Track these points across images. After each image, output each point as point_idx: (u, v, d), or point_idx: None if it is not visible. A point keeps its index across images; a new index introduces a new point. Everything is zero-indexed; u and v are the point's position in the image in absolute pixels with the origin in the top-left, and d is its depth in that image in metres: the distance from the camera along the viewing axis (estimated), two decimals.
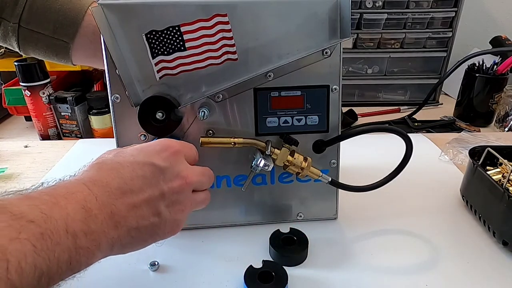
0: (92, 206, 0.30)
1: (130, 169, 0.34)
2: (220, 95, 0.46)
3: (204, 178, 0.41)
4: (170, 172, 0.37)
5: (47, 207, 0.27)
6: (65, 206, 0.28)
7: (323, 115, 0.49)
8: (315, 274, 0.46)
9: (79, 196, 0.30)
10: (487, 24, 1.23)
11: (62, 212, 0.28)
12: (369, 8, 0.99)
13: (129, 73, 0.42)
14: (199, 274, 0.46)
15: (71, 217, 0.28)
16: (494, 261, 0.47)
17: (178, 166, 0.38)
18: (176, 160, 0.38)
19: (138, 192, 0.34)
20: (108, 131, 0.86)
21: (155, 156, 0.36)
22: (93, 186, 0.31)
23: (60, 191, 0.30)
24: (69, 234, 0.27)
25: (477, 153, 0.56)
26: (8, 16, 0.50)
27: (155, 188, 0.35)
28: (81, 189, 0.30)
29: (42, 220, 0.26)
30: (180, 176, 0.37)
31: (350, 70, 1.07)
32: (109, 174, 0.33)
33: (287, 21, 0.43)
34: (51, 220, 0.26)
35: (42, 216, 0.26)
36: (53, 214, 0.27)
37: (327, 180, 0.48)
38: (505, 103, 0.93)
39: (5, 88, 0.92)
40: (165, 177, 0.36)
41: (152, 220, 0.35)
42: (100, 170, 0.34)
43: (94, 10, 0.39)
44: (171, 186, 0.36)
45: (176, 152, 0.38)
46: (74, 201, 0.29)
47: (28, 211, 0.26)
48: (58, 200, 0.28)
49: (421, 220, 0.55)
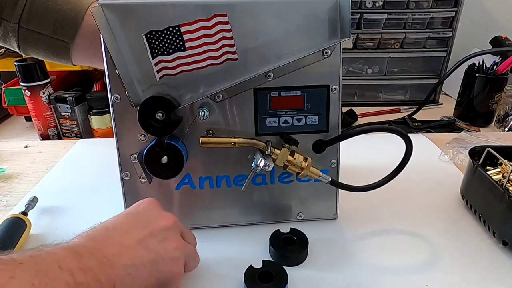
0: (81, 250, 0.30)
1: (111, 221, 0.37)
2: (220, 95, 0.46)
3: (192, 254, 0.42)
4: (152, 215, 0.39)
5: (33, 252, 0.27)
6: (53, 252, 0.28)
7: (323, 115, 0.49)
8: (315, 274, 0.46)
9: (65, 245, 0.30)
10: (487, 24, 1.23)
11: (51, 256, 0.28)
12: (369, 8, 0.99)
13: (129, 73, 0.42)
14: (199, 274, 0.45)
15: (62, 258, 0.28)
16: (494, 261, 0.47)
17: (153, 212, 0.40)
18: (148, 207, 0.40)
19: (124, 232, 0.35)
20: (108, 131, 0.86)
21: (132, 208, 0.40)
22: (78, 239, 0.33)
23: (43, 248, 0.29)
24: (64, 271, 0.27)
25: (477, 153, 0.56)
26: (8, 16, 0.50)
27: (142, 228, 0.37)
28: (65, 244, 0.31)
29: (33, 262, 0.26)
30: (160, 217, 0.39)
31: (350, 70, 1.07)
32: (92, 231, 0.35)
33: (287, 21, 0.43)
34: (42, 261, 0.27)
35: (32, 259, 0.26)
36: (41, 256, 0.27)
37: (327, 180, 0.48)
38: (505, 103, 0.93)
39: (5, 88, 0.92)
40: (148, 219, 0.38)
41: (148, 257, 0.35)
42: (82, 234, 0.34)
43: (94, 10, 0.39)
44: (157, 224, 0.38)
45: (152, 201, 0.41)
46: (61, 249, 0.29)
47: (17, 257, 0.26)
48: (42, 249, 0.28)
49: (421, 220, 0.55)
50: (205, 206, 0.52)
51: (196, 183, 0.50)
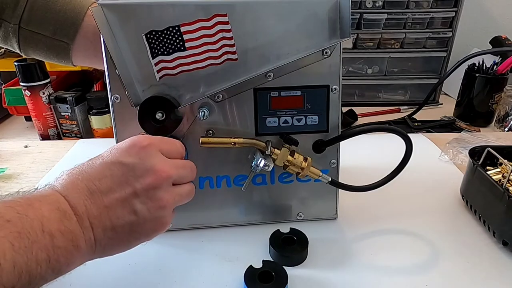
0: (65, 207, 0.30)
1: (98, 170, 0.34)
2: (220, 95, 0.46)
3: (184, 171, 0.40)
4: (140, 167, 0.35)
5: (22, 208, 0.28)
6: (39, 207, 0.29)
7: (323, 115, 0.49)
8: (315, 274, 0.46)
9: (52, 198, 0.31)
10: (487, 24, 1.23)
11: (37, 212, 0.28)
12: (369, 8, 0.99)
13: (129, 73, 0.42)
14: (199, 274, 0.46)
15: (46, 217, 0.29)
16: (494, 261, 0.47)
17: (150, 160, 0.36)
18: (147, 155, 0.36)
19: (108, 192, 0.33)
20: (108, 131, 0.86)
21: (122, 153, 0.36)
22: (63, 189, 0.32)
23: (34, 195, 0.31)
24: (45, 233, 0.28)
25: (477, 153, 0.56)
26: (8, 17, 0.51)
27: (125, 186, 0.34)
28: (53, 193, 0.31)
29: (18, 220, 0.27)
30: (153, 170, 0.36)
31: (350, 70, 1.07)
32: (77, 177, 0.33)
33: (287, 21, 0.43)
34: (27, 219, 0.27)
35: (18, 216, 0.27)
36: (28, 214, 0.28)
37: (327, 180, 0.48)
38: (505, 103, 0.93)
39: (5, 88, 0.92)
40: (135, 173, 0.35)
41: (128, 219, 0.34)
42: (70, 174, 0.34)
43: (94, 10, 0.39)
44: (144, 183, 0.35)
45: (146, 147, 0.37)
46: (48, 202, 0.30)
47: (4, 212, 0.27)
48: (33, 202, 0.29)
49: (421, 220, 0.55)
50: (205, 206, 0.52)
51: (196, 183, 0.50)
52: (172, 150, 0.40)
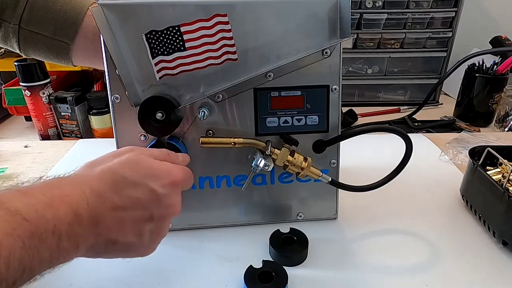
0: (82, 211, 0.31)
1: (131, 188, 0.35)
2: (220, 95, 0.46)
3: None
4: (166, 200, 0.37)
5: (41, 207, 0.28)
6: (58, 208, 0.29)
7: (323, 115, 0.49)
8: (315, 274, 0.46)
9: (73, 199, 0.31)
10: (487, 24, 1.23)
11: (54, 214, 0.29)
12: (369, 8, 0.99)
13: (129, 73, 0.42)
14: (199, 274, 0.46)
15: (61, 219, 0.29)
16: (494, 261, 0.47)
17: (174, 198, 0.38)
18: (174, 191, 0.38)
19: (129, 210, 0.34)
20: (108, 131, 0.86)
21: (157, 181, 0.37)
22: (90, 192, 0.32)
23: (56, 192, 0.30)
24: (55, 235, 0.28)
25: (477, 153, 0.56)
26: (8, 18, 0.50)
27: (146, 211, 0.36)
28: (77, 193, 0.31)
29: (35, 219, 0.27)
30: (173, 206, 0.38)
31: (350, 70, 1.07)
32: (108, 186, 0.34)
33: (287, 21, 0.43)
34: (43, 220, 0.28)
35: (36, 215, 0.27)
36: (46, 214, 0.28)
37: (327, 180, 0.48)
38: (505, 103, 0.93)
39: (5, 88, 0.92)
40: (159, 204, 0.37)
41: (131, 239, 0.35)
42: (102, 179, 0.34)
43: (94, 10, 0.39)
44: (161, 213, 0.37)
45: (177, 183, 0.38)
46: (68, 204, 0.30)
47: (24, 209, 0.27)
48: (53, 201, 0.29)
49: (421, 220, 0.55)
50: (205, 206, 0.52)
51: (196, 183, 0.50)
52: (189, 185, 0.42)
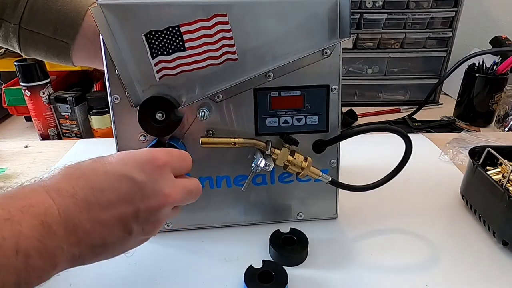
0: (52, 220, 0.27)
1: (103, 179, 0.31)
2: (220, 95, 0.46)
3: (191, 197, 0.37)
4: (150, 188, 0.32)
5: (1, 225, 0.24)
6: (19, 221, 0.25)
7: (323, 115, 0.49)
8: (315, 274, 0.46)
9: (39, 209, 0.26)
10: (487, 24, 1.23)
11: (14, 229, 0.25)
12: (369, 8, 0.99)
13: (128, 73, 0.42)
14: (199, 274, 0.46)
15: (24, 234, 0.25)
16: (494, 261, 0.47)
17: (161, 183, 0.33)
18: (160, 176, 0.33)
19: (108, 206, 0.30)
20: (108, 131, 0.86)
21: (135, 168, 0.32)
22: (57, 196, 0.28)
23: (18, 203, 0.26)
24: (19, 255, 0.24)
25: (477, 153, 0.56)
26: (8, 17, 0.51)
27: (129, 205, 0.31)
28: (42, 200, 0.27)
29: None
30: (161, 193, 0.33)
31: (350, 70, 1.07)
32: (77, 182, 0.30)
33: (286, 21, 0.43)
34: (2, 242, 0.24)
35: None
36: (2, 233, 0.24)
37: (327, 180, 0.48)
38: (505, 103, 0.93)
39: (5, 88, 0.92)
40: (143, 193, 0.32)
41: (121, 237, 0.32)
42: (70, 177, 0.30)
43: (94, 10, 0.39)
44: (149, 205, 0.32)
45: (161, 166, 0.34)
46: (32, 215, 0.26)
47: None
48: (13, 215, 0.25)
49: (421, 220, 0.55)
50: (205, 206, 0.52)
51: None
52: (183, 167, 0.37)
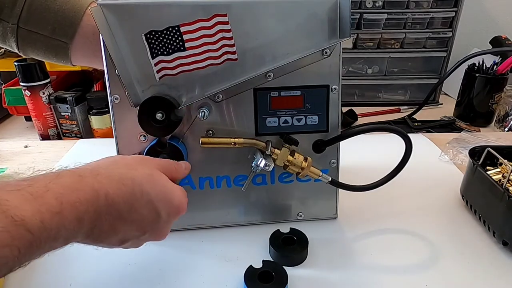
0: (86, 218, 0.30)
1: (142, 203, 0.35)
2: (220, 95, 0.46)
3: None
4: (161, 227, 0.38)
5: (49, 216, 0.27)
6: (66, 216, 0.29)
7: (323, 115, 0.49)
8: (315, 274, 0.46)
9: (83, 207, 0.30)
10: (487, 24, 1.23)
11: (60, 222, 0.28)
12: (369, 8, 0.99)
13: (128, 73, 0.42)
14: (199, 274, 0.45)
15: (65, 227, 0.28)
16: (494, 261, 0.47)
17: (168, 227, 0.40)
18: (173, 220, 0.39)
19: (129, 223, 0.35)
20: (108, 131, 0.86)
21: (166, 206, 0.37)
22: (104, 199, 0.32)
23: (70, 197, 0.29)
24: (51, 239, 0.28)
25: (477, 153, 0.56)
26: (6, 17, 0.50)
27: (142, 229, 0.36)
28: (90, 199, 0.31)
29: (39, 231, 0.26)
30: (161, 234, 0.39)
31: (350, 70, 1.07)
32: (124, 196, 0.34)
33: (286, 21, 0.43)
34: (47, 230, 0.27)
35: (41, 226, 0.26)
36: (51, 224, 0.27)
37: (327, 180, 0.48)
38: (505, 103, 0.93)
39: (5, 88, 0.92)
40: (155, 227, 0.38)
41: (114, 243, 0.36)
42: (122, 185, 0.34)
43: (94, 10, 0.39)
44: (150, 236, 0.38)
45: (179, 213, 0.39)
46: (76, 211, 0.29)
47: (29, 218, 0.26)
48: (63, 209, 0.28)
49: (421, 220, 0.55)
50: (205, 206, 0.52)
51: (196, 183, 0.50)
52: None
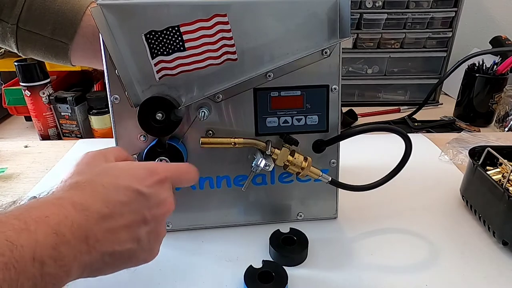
0: (65, 230, 0.28)
1: (114, 193, 0.33)
2: (220, 95, 0.46)
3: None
4: (154, 199, 0.35)
5: (14, 233, 0.26)
6: (35, 231, 0.26)
7: (322, 115, 0.49)
8: (315, 274, 0.46)
9: (53, 220, 0.28)
10: (487, 24, 1.23)
11: (30, 238, 0.26)
12: (369, 8, 0.99)
13: (128, 73, 0.42)
14: (199, 274, 0.46)
15: (40, 243, 0.26)
16: (494, 261, 0.47)
17: (163, 194, 0.36)
18: (161, 188, 0.36)
19: (118, 217, 0.32)
20: (108, 131, 0.86)
21: (140, 181, 0.35)
22: (72, 208, 0.30)
23: (33, 214, 0.28)
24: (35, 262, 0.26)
25: (477, 153, 0.56)
26: (6, 17, 0.50)
27: (137, 214, 0.34)
28: (57, 212, 0.29)
29: (7, 249, 0.25)
30: (164, 203, 0.36)
31: (350, 70, 1.07)
32: (91, 196, 0.32)
33: (286, 21, 0.43)
34: (17, 248, 0.25)
35: (8, 244, 0.25)
36: (20, 241, 0.25)
37: (327, 180, 0.48)
38: (505, 103, 0.93)
39: (5, 88, 0.92)
40: (149, 204, 0.35)
41: (129, 246, 0.33)
42: (83, 191, 0.32)
43: (93, 11, 0.39)
44: (155, 214, 0.35)
45: (163, 180, 0.36)
46: (46, 225, 0.27)
47: None
48: (28, 225, 0.27)
49: (421, 220, 0.55)
50: (205, 206, 0.52)
51: (196, 183, 0.50)
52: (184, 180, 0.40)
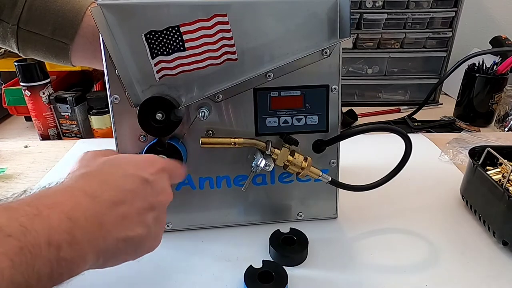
0: (79, 215, 0.29)
1: (122, 181, 0.34)
2: (220, 95, 0.46)
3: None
4: (157, 186, 0.37)
5: (27, 219, 0.26)
6: (48, 216, 0.27)
7: (322, 115, 0.49)
8: (315, 274, 0.46)
9: (66, 206, 0.28)
10: (487, 24, 1.23)
11: (44, 223, 0.26)
12: (369, 8, 0.99)
13: (128, 73, 0.42)
14: (199, 274, 0.46)
15: (54, 228, 0.26)
16: (494, 261, 0.47)
17: (164, 182, 0.38)
18: (162, 177, 0.38)
19: (129, 203, 0.33)
20: (108, 131, 0.86)
21: (143, 169, 0.37)
22: (84, 196, 0.30)
23: (44, 200, 0.28)
24: (51, 247, 0.26)
25: (477, 153, 0.56)
26: (6, 18, 0.50)
27: (144, 200, 0.35)
28: (68, 199, 0.29)
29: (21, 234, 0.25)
30: (166, 191, 0.38)
31: (350, 70, 1.07)
32: (101, 185, 0.33)
33: (286, 21, 0.43)
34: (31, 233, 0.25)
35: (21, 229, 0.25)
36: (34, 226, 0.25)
37: (327, 180, 0.48)
38: (505, 103, 0.93)
39: (5, 88, 0.92)
40: (153, 191, 0.36)
41: (140, 231, 0.34)
42: (92, 180, 0.33)
43: (93, 11, 0.39)
44: (159, 200, 0.37)
45: (163, 169, 0.39)
46: (59, 210, 0.28)
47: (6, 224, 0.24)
48: (41, 211, 0.27)
49: (421, 220, 0.55)
50: (205, 206, 0.52)
51: (196, 183, 0.50)
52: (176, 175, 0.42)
